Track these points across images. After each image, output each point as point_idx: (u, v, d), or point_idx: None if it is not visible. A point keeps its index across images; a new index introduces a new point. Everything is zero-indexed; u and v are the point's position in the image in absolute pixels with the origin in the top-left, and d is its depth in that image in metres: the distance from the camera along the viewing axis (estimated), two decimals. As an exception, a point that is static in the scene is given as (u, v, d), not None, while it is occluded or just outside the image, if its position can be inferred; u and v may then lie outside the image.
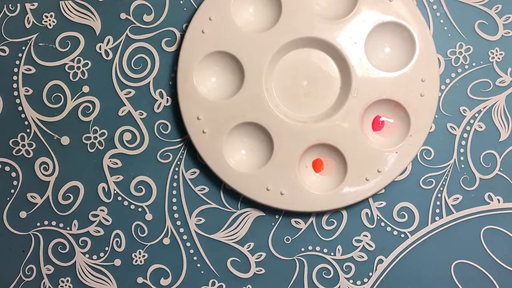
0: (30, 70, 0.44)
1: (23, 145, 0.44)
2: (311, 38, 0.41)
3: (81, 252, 0.44)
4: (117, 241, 0.44)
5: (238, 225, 0.44)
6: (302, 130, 0.41)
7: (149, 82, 0.44)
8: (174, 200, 0.43)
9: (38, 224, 0.44)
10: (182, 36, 0.42)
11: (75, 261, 0.44)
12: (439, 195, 0.42)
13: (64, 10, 0.44)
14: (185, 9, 0.44)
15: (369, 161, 0.41)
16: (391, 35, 0.41)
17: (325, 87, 0.42)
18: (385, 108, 0.41)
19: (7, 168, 0.44)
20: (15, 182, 0.44)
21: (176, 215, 0.44)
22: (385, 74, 0.41)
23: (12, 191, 0.44)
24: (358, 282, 0.43)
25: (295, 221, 0.43)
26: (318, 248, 0.43)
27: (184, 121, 0.42)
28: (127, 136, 0.44)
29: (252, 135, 0.42)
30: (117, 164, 0.44)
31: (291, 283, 0.44)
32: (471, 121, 0.42)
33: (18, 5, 0.44)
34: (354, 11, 0.41)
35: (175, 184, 0.43)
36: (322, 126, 0.41)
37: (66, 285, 0.44)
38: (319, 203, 0.41)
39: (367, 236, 0.43)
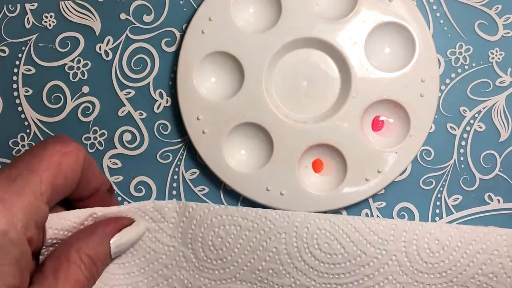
0: (30, 70, 0.44)
1: (23, 146, 0.44)
2: (311, 38, 0.41)
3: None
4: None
5: (238, 225, 0.43)
6: (302, 130, 0.41)
7: (149, 82, 0.43)
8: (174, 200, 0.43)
9: (38, 224, 0.44)
10: (182, 37, 0.42)
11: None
12: (439, 195, 0.42)
13: (64, 11, 0.44)
14: (185, 9, 0.43)
15: (369, 161, 0.41)
16: (391, 35, 0.41)
17: (325, 88, 0.42)
18: (385, 108, 0.41)
19: (7, 169, 0.44)
20: (15, 183, 0.44)
21: (176, 216, 0.43)
22: (385, 75, 0.41)
23: (12, 191, 0.44)
24: (358, 282, 0.43)
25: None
26: (318, 248, 0.43)
27: (184, 122, 0.41)
28: (127, 137, 0.43)
29: (252, 135, 0.42)
30: (117, 164, 0.43)
31: (291, 283, 0.43)
32: (471, 121, 0.42)
33: (18, 5, 0.44)
34: (354, 12, 0.41)
35: (175, 185, 0.43)
36: (322, 126, 0.41)
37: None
38: (319, 203, 0.41)
39: (367, 236, 0.43)
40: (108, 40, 0.44)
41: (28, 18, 0.44)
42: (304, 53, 0.42)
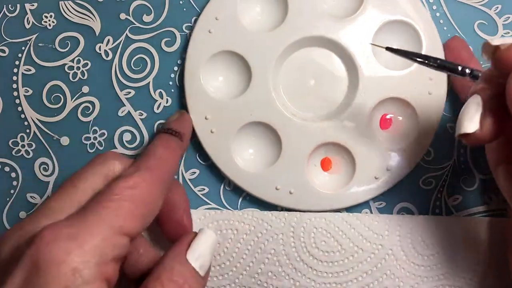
0: (30, 70, 0.44)
1: (23, 145, 0.44)
2: (317, 37, 0.40)
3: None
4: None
5: (238, 225, 0.43)
6: (310, 129, 0.40)
7: (149, 82, 0.43)
8: (174, 200, 0.43)
9: (38, 224, 0.44)
10: (185, 36, 0.42)
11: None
12: (439, 195, 0.42)
13: (64, 11, 0.44)
14: (185, 9, 0.43)
15: (377, 159, 0.40)
16: (397, 33, 0.40)
17: (333, 86, 0.41)
18: (393, 107, 0.41)
19: (7, 169, 0.44)
20: (14, 183, 0.44)
21: (176, 216, 0.43)
22: (393, 73, 0.40)
23: (12, 191, 0.44)
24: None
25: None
26: (318, 248, 0.43)
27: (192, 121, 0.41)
28: (127, 137, 0.43)
29: (260, 134, 0.41)
30: (117, 164, 0.43)
31: None
32: (471, 121, 0.42)
33: (18, 5, 0.44)
34: (360, 10, 0.40)
35: (175, 185, 0.43)
36: (330, 125, 0.40)
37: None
38: (328, 201, 0.40)
39: (367, 236, 0.43)
40: (108, 40, 0.44)
41: (28, 18, 0.44)
42: (311, 52, 0.41)
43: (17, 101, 0.44)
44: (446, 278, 0.40)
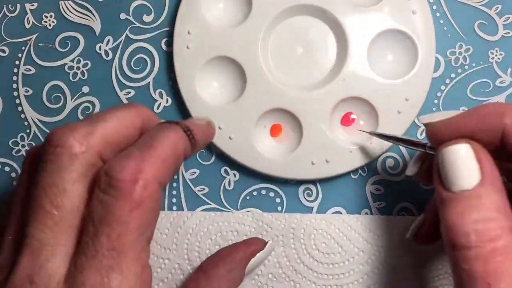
0: (30, 70, 0.44)
1: (23, 145, 0.44)
2: (326, 12, 0.40)
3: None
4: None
5: (238, 225, 0.43)
6: (277, 90, 0.40)
7: (149, 82, 0.43)
8: (174, 200, 0.43)
9: (38, 224, 0.44)
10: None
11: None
12: (439, 195, 0.42)
13: (64, 10, 0.44)
14: (185, 9, 0.43)
15: (322, 147, 0.40)
16: (398, 44, 0.40)
17: (318, 63, 0.41)
18: (362, 110, 0.40)
19: (7, 169, 0.44)
20: (15, 183, 0.44)
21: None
22: (376, 78, 0.39)
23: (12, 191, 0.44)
24: (358, 282, 0.43)
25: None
26: (318, 248, 0.43)
27: (174, 32, 0.41)
28: (127, 137, 0.43)
29: (229, 72, 0.41)
30: (117, 164, 0.43)
31: None
32: (471, 122, 0.42)
33: (18, 5, 0.44)
34: (376, 6, 0.40)
35: (175, 185, 0.43)
36: (296, 97, 0.40)
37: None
38: (257, 162, 0.40)
39: (367, 236, 0.43)
40: (108, 40, 0.43)
41: (28, 18, 0.44)
42: (314, 23, 0.41)
43: (17, 101, 0.44)
44: (448, 278, 0.40)
